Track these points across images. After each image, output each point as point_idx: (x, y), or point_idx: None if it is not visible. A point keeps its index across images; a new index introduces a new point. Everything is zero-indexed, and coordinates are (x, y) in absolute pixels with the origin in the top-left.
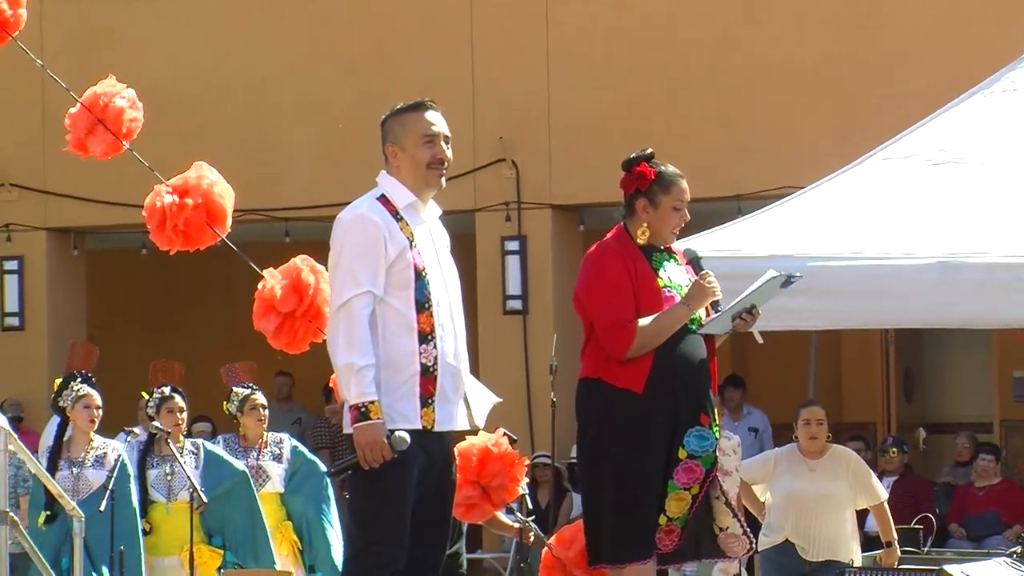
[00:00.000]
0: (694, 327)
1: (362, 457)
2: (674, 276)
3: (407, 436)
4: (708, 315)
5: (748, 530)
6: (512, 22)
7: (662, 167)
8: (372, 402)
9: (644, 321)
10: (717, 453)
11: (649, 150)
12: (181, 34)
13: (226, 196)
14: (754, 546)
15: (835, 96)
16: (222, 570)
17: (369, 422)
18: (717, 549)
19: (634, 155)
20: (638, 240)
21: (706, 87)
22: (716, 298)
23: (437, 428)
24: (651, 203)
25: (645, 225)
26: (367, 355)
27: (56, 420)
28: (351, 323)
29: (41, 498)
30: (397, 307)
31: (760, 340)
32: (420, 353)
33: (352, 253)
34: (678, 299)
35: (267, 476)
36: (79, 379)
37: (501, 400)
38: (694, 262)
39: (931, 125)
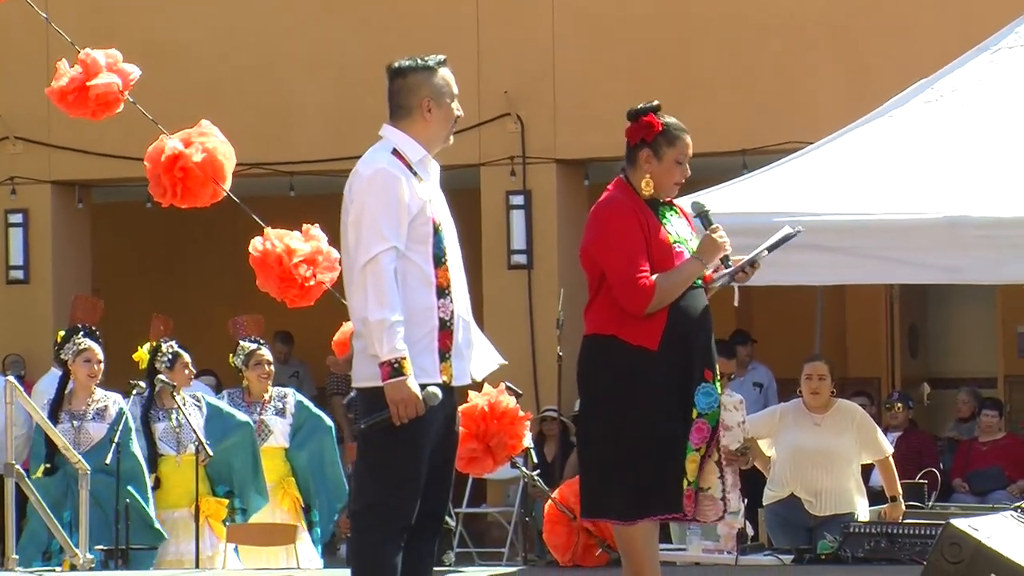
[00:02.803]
0: (698, 282)
1: (395, 413)
2: (680, 230)
3: (439, 392)
4: (717, 270)
5: (727, 495)
6: None
7: (668, 119)
8: (404, 358)
9: (661, 276)
10: (719, 408)
11: (656, 102)
12: None
13: (228, 155)
14: (725, 514)
15: (843, 51)
16: (228, 522)
17: (403, 378)
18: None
19: (641, 106)
20: (643, 192)
21: (713, 41)
22: (726, 252)
23: (455, 383)
24: (655, 155)
25: (648, 176)
26: (397, 310)
27: (53, 373)
28: (379, 279)
29: (42, 450)
30: (417, 262)
31: (736, 303)
32: (438, 307)
33: (376, 208)
34: (686, 254)
35: (269, 431)
36: (82, 332)
37: (506, 362)
38: (703, 216)
39: (940, 81)
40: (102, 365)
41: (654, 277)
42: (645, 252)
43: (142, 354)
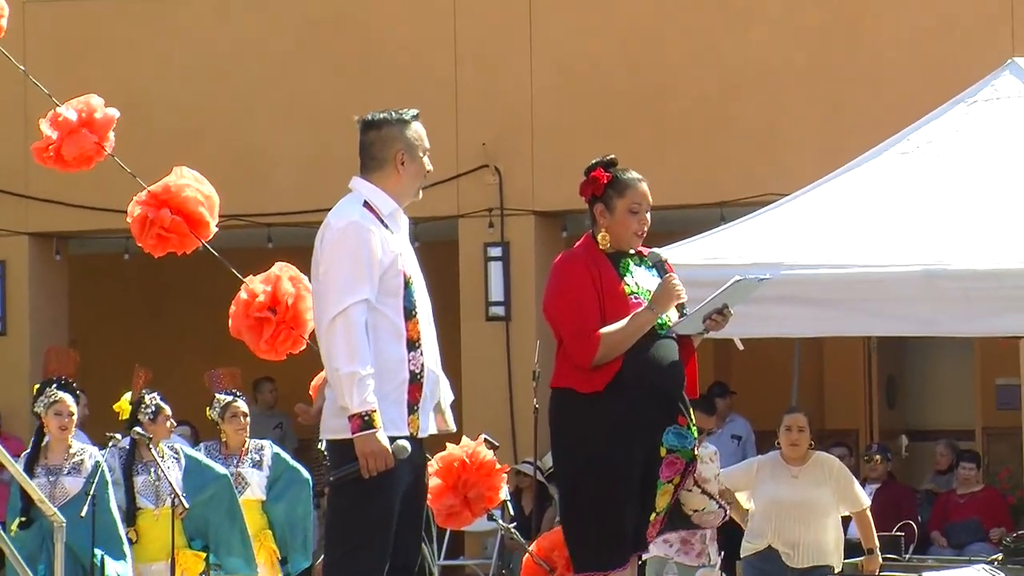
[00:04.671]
0: (664, 331)
1: (364, 465)
2: (642, 281)
3: (408, 445)
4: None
5: (722, 503)
6: (496, 28)
7: (620, 172)
8: (375, 411)
9: (609, 328)
10: (697, 455)
11: (610, 156)
12: (166, 38)
13: (207, 200)
14: (727, 515)
15: (819, 104)
16: (204, 575)
17: (373, 431)
18: (689, 522)
19: (593, 161)
20: (601, 246)
21: (691, 94)
22: (681, 301)
23: (420, 435)
24: (607, 208)
25: (604, 230)
26: (368, 363)
27: None
28: (350, 331)
29: (18, 503)
30: (387, 314)
31: (740, 347)
32: (409, 360)
33: (348, 260)
34: (645, 304)
35: (246, 483)
36: (56, 385)
37: (453, 398)
38: (658, 265)
39: (915, 133)
40: (74, 417)
41: (602, 329)
42: (595, 305)
43: (124, 404)
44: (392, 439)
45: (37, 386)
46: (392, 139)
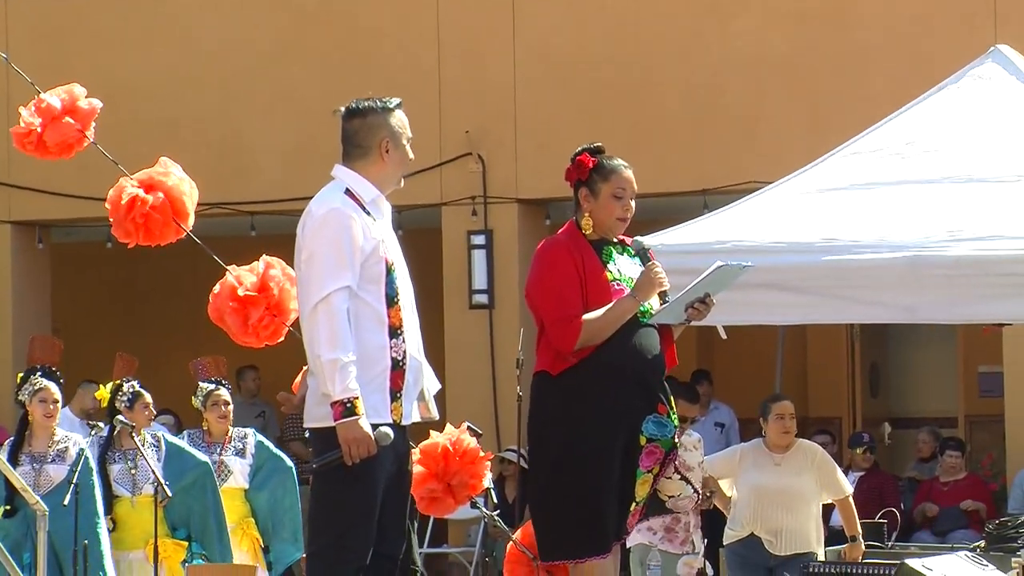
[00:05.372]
0: (646, 319)
1: (347, 452)
2: (624, 269)
3: (391, 432)
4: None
5: (697, 488)
6: (479, 16)
7: (605, 158)
8: (357, 398)
9: (591, 315)
10: (677, 443)
11: (597, 143)
12: (150, 28)
13: (189, 192)
14: (700, 498)
15: (803, 91)
16: (187, 563)
17: (355, 418)
18: (663, 507)
19: (580, 148)
20: (585, 232)
21: (674, 81)
22: (663, 288)
23: (403, 422)
24: (591, 192)
25: (588, 215)
26: (350, 350)
27: None
28: (332, 318)
29: (1, 492)
30: (369, 302)
31: (724, 335)
32: (391, 347)
33: (329, 247)
34: (628, 292)
35: (229, 471)
36: (39, 373)
37: (439, 387)
38: (641, 253)
39: (899, 120)
40: (58, 405)
41: (584, 316)
42: (578, 292)
43: (104, 393)
44: (375, 426)
45: (21, 374)
46: (377, 127)
